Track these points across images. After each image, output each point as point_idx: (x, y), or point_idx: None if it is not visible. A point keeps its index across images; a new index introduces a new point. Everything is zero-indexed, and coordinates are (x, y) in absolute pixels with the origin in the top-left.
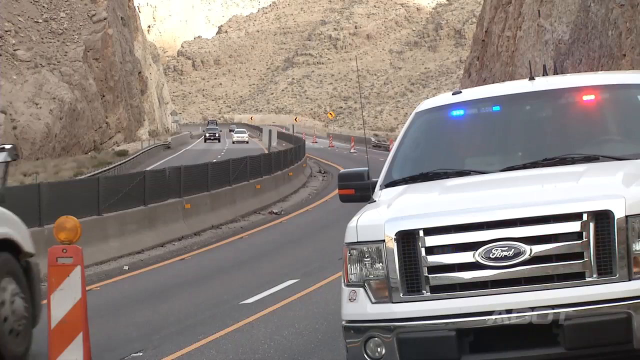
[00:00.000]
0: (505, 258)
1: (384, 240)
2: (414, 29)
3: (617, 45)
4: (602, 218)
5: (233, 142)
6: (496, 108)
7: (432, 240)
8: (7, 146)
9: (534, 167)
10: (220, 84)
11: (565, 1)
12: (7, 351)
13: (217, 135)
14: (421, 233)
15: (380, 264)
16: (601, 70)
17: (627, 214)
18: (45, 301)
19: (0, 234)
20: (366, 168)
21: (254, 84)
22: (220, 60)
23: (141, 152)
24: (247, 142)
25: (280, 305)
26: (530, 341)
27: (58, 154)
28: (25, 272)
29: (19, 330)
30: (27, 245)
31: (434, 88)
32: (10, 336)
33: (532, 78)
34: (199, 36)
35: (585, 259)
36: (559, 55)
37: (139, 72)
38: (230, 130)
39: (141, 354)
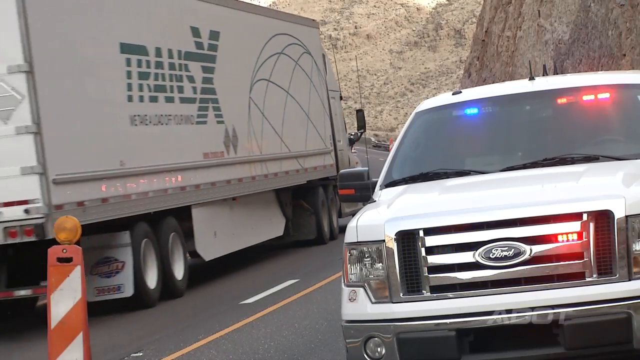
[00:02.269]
0: (505, 258)
1: (384, 240)
2: (414, 29)
3: (617, 45)
4: (602, 218)
5: None
6: (496, 108)
7: (432, 240)
8: (353, 133)
9: (534, 167)
10: None
11: (565, 1)
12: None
13: None
14: (421, 233)
15: (380, 264)
16: (601, 70)
17: (627, 214)
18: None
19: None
20: (366, 168)
21: None
22: None
23: None
24: None
25: (280, 305)
26: (530, 341)
27: None
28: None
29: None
30: None
31: (434, 88)
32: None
33: (532, 78)
34: None
35: (585, 259)
36: (559, 55)
37: None
38: None
39: (141, 354)
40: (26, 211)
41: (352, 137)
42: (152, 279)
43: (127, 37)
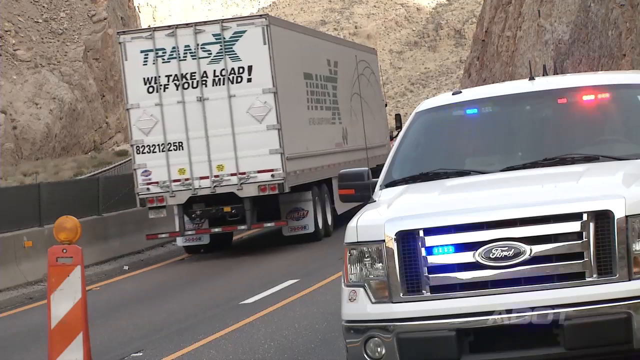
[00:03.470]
0: (505, 258)
1: (384, 240)
2: (414, 29)
3: (617, 45)
4: (602, 218)
5: None
6: (496, 108)
7: (432, 240)
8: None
9: (534, 167)
10: None
11: (565, 1)
12: None
13: None
14: (421, 233)
15: (380, 264)
16: (601, 70)
17: (627, 214)
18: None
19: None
20: (366, 168)
21: None
22: None
23: None
24: None
25: (280, 305)
26: (530, 341)
27: (58, 154)
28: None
29: None
30: None
31: (434, 88)
32: None
33: (532, 78)
34: None
35: (585, 259)
36: (559, 55)
37: None
38: None
39: (141, 354)
40: (272, 175)
41: (391, 134)
42: (320, 223)
43: (305, 68)
